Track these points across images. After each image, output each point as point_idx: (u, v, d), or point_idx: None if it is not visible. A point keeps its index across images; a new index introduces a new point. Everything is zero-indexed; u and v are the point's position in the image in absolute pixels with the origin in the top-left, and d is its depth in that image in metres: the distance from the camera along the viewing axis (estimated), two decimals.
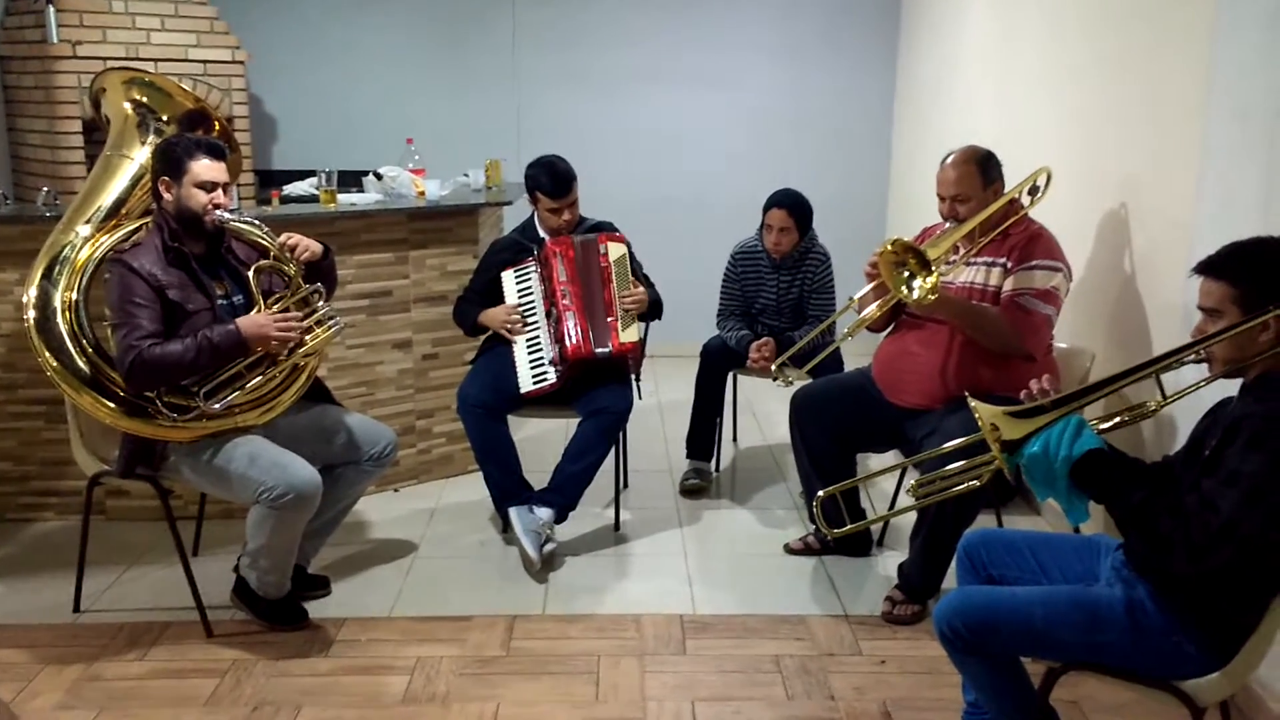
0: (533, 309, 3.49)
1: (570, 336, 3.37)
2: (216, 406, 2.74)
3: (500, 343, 3.52)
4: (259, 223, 2.93)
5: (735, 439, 4.62)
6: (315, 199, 3.99)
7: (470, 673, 2.76)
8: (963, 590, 2.16)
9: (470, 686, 2.70)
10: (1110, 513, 1.94)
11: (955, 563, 2.36)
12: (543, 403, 3.47)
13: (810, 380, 3.42)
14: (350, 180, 4.16)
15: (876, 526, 3.56)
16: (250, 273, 2.86)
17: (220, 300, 2.85)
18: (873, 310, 3.04)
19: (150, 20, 4.75)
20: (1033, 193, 3.06)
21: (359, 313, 3.82)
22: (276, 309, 2.84)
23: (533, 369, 3.43)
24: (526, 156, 3.60)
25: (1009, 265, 2.98)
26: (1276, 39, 2.47)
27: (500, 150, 5.09)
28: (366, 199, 3.98)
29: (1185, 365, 1.99)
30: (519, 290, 3.52)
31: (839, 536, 3.32)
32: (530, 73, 5.86)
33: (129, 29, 4.71)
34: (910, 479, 3.19)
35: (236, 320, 2.76)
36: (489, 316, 3.52)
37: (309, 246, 2.91)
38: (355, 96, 5.81)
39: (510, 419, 3.49)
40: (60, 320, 2.80)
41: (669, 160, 5.93)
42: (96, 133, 4.36)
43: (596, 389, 3.44)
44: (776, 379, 3.42)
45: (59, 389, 2.81)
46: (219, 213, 2.80)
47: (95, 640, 2.91)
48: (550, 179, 3.46)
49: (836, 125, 5.93)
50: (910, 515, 3.11)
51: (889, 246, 2.72)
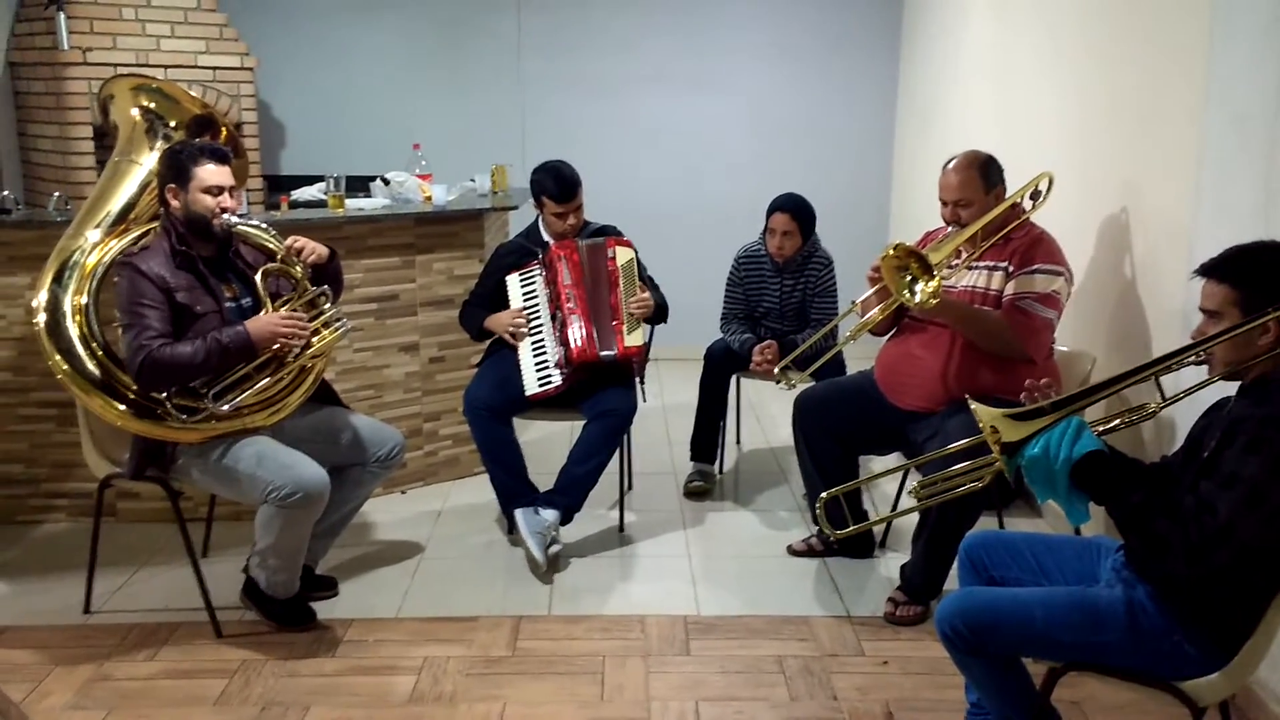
0: (537, 312, 3.51)
1: (575, 340, 3.39)
2: (225, 408, 2.76)
3: (506, 346, 3.54)
4: (266, 226, 2.96)
5: (739, 441, 4.63)
6: (323, 204, 4.02)
7: (476, 673, 2.78)
8: (964, 591, 2.17)
9: (476, 686, 2.72)
10: (1109, 514, 1.96)
11: (957, 564, 2.37)
12: (548, 405, 3.49)
13: (813, 383, 3.44)
14: (358, 185, 4.18)
15: (879, 529, 3.57)
16: (258, 276, 2.89)
17: (228, 303, 2.87)
18: (875, 314, 3.05)
19: (160, 27, 4.78)
20: (1034, 197, 3.08)
21: (366, 316, 3.85)
22: (284, 311, 2.87)
23: (538, 372, 3.45)
24: (532, 161, 3.62)
25: (1011, 269, 2.99)
26: (1272, 44, 2.48)
27: (505, 155, 5.11)
28: (374, 204, 4.00)
29: (1185, 367, 2.01)
30: (524, 294, 3.54)
31: (842, 538, 3.33)
32: (535, 78, 5.89)
33: (139, 35, 4.74)
34: (913, 481, 3.23)
35: (245, 322, 2.79)
36: (495, 321, 3.54)
37: (315, 250, 2.93)
38: (363, 102, 5.84)
39: (516, 421, 3.51)
40: (70, 324, 2.83)
41: (673, 164, 5.94)
42: (107, 138, 4.39)
43: (601, 392, 3.46)
44: (779, 381, 3.44)
45: (69, 392, 2.84)
46: (227, 216, 2.83)
47: (106, 641, 2.93)
48: (556, 184, 3.49)
49: (839, 129, 5.95)
50: (912, 518, 3.12)
51: (892, 251, 2.74)
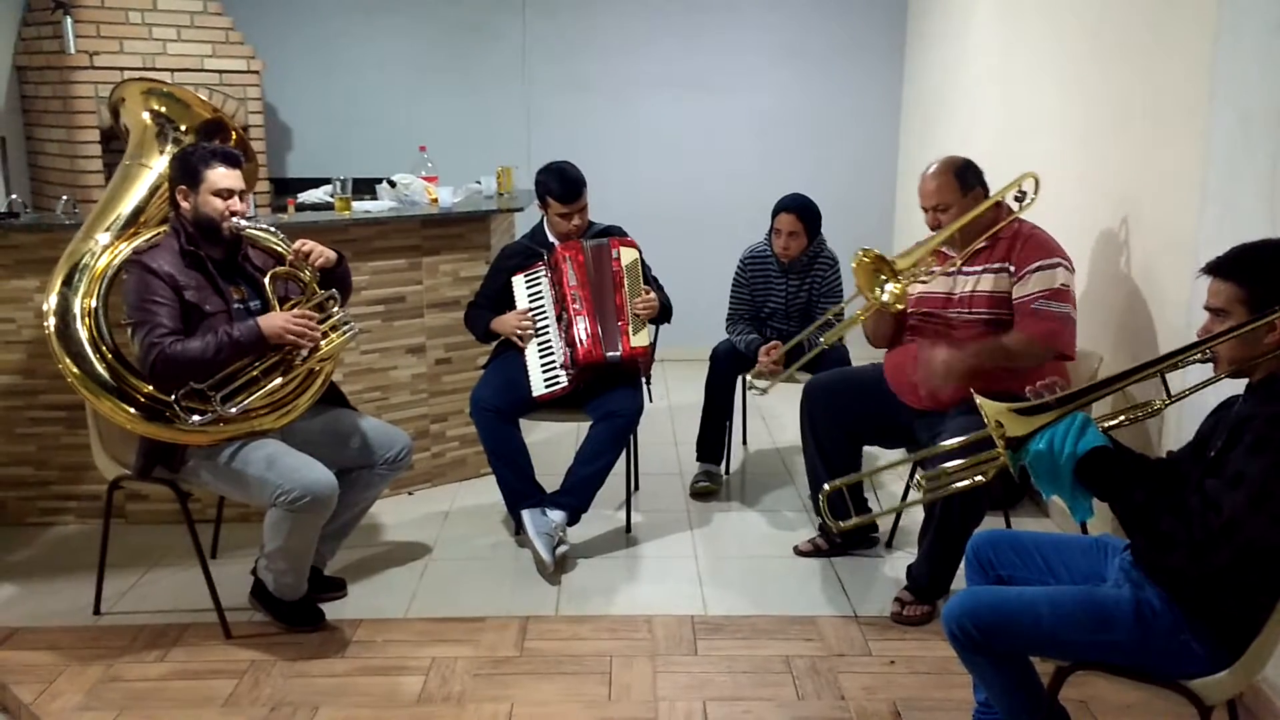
0: (543, 313, 3.52)
1: (581, 340, 3.40)
2: (234, 410, 2.76)
3: (513, 347, 3.54)
4: (275, 229, 2.97)
5: (745, 442, 4.64)
6: (330, 206, 4.04)
7: (484, 673, 2.79)
8: (971, 590, 2.18)
9: (484, 687, 2.73)
10: (1113, 510, 1.96)
11: (964, 563, 2.38)
12: (554, 406, 3.50)
13: (809, 377, 3.49)
14: (364, 187, 4.19)
15: (886, 528, 3.58)
16: (266, 278, 2.90)
17: (236, 304, 2.89)
18: (859, 314, 3.12)
19: (167, 31, 4.81)
20: (1020, 198, 3.08)
21: (373, 318, 3.86)
22: (295, 311, 2.88)
23: (544, 373, 3.46)
24: (537, 163, 3.63)
25: (1012, 270, 3.00)
26: (1278, 41, 2.48)
27: (511, 157, 5.12)
28: (380, 206, 4.01)
29: (1191, 365, 2.01)
30: (530, 295, 3.55)
31: (845, 530, 3.35)
32: (540, 80, 5.90)
33: (146, 39, 4.77)
34: (913, 476, 3.24)
35: (257, 319, 2.80)
36: (501, 322, 3.55)
37: (323, 253, 2.94)
38: (369, 105, 5.85)
39: (522, 422, 3.51)
40: (80, 327, 2.83)
41: (678, 165, 5.95)
42: (113, 141, 4.42)
43: (608, 392, 3.47)
44: (752, 388, 3.52)
45: (79, 394, 2.84)
46: (236, 220, 2.84)
47: (115, 642, 2.95)
48: (561, 184, 3.50)
49: (844, 130, 5.95)
50: (919, 518, 3.12)
51: (862, 256, 2.85)
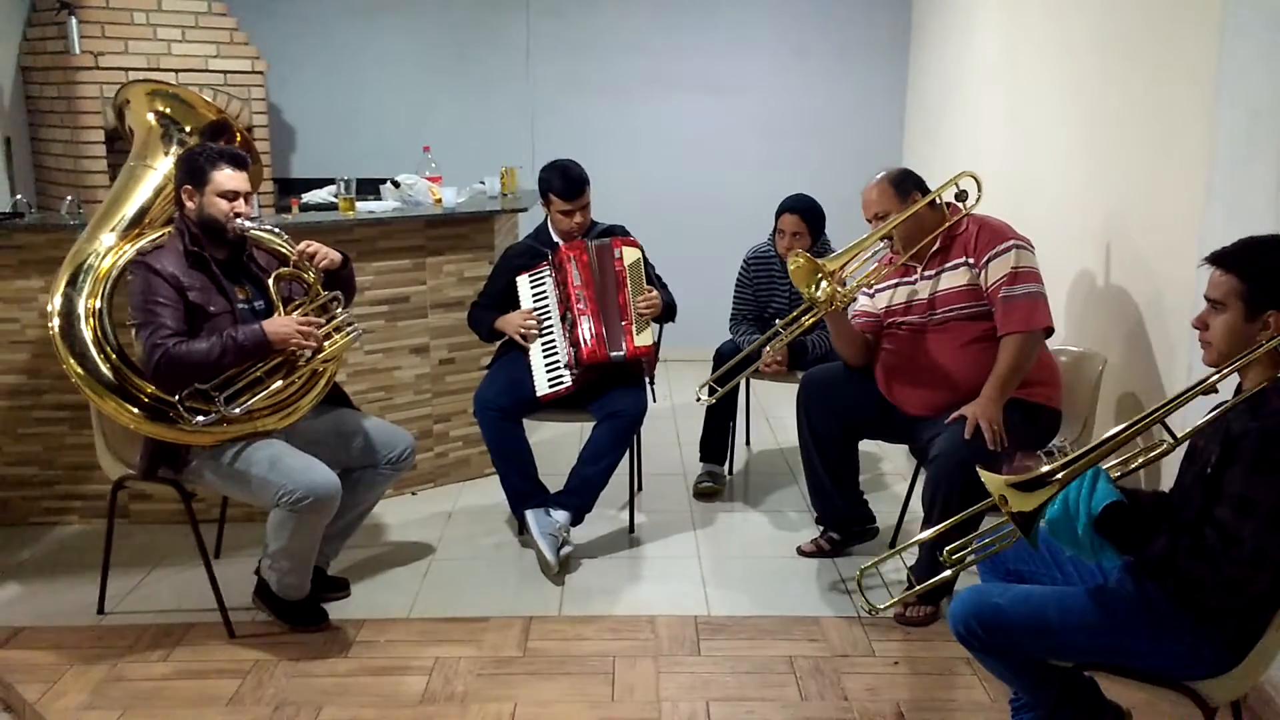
0: (548, 313, 3.52)
1: (585, 340, 3.40)
2: (237, 411, 2.77)
3: (516, 347, 3.55)
4: (279, 231, 2.98)
5: (748, 442, 4.64)
6: (334, 207, 4.04)
7: (488, 673, 2.79)
8: (975, 589, 2.17)
9: (487, 687, 2.73)
10: (1137, 564, 1.96)
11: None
12: (558, 406, 3.50)
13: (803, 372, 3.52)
14: (368, 188, 4.20)
15: (888, 530, 3.57)
16: (270, 279, 2.90)
17: (241, 305, 2.89)
18: (807, 319, 3.14)
19: (171, 31, 4.81)
20: (962, 197, 3.11)
21: (377, 318, 3.87)
22: (297, 314, 2.88)
23: (548, 372, 3.46)
24: (541, 163, 3.63)
25: (973, 263, 3.06)
26: None
27: (515, 157, 5.13)
28: (384, 206, 4.02)
29: (1193, 400, 1.90)
30: (534, 295, 3.55)
31: (842, 526, 3.44)
32: (544, 80, 5.90)
33: (150, 40, 4.77)
34: (917, 477, 3.24)
35: (261, 322, 2.80)
36: (505, 322, 3.56)
37: (327, 255, 2.95)
38: (373, 105, 5.86)
39: (526, 422, 3.52)
40: (84, 327, 2.84)
41: (681, 165, 5.95)
42: (118, 142, 4.43)
43: (611, 392, 3.47)
44: (699, 397, 3.61)
45: (83, 395, 2.85)
46: (240, 221, 2.84)
47: (119, 641, 2.95)
48: (563, 181, 3.50)
49: (848, 130, 5.94)
50: (919, 517, 3.11)
51: (796, 257, 2.98)
